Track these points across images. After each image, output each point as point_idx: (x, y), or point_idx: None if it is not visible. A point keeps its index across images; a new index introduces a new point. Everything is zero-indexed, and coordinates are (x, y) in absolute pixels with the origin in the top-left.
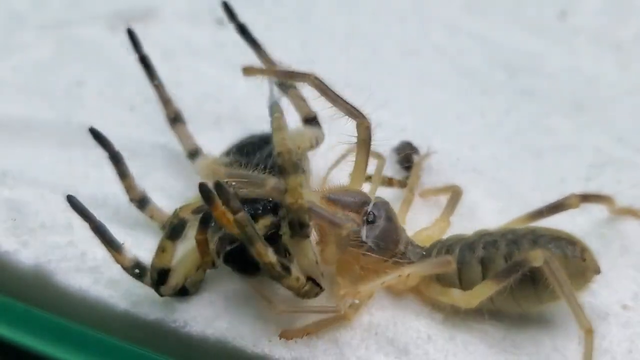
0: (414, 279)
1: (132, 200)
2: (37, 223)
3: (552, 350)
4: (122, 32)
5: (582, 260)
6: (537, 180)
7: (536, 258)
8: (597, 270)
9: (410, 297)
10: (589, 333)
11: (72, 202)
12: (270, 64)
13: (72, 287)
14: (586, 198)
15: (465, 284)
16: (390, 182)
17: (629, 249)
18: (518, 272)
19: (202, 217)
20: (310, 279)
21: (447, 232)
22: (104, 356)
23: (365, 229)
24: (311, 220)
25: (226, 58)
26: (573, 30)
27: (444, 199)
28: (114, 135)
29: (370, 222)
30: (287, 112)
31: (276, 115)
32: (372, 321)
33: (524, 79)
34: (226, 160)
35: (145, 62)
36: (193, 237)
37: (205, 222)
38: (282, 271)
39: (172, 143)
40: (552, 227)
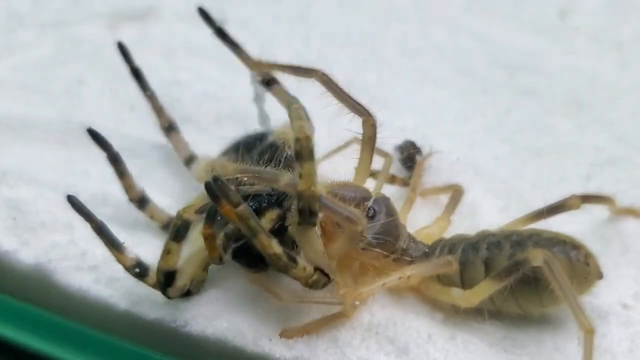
0: (415, 279)
1: (132, 200)
2: (37, 222)
3: (553, 350)
4: (122, 32)
5: (586, 265)
6: (538, 180)
7: (536, 258)
8: (600, 275)
9: (411, 296)
10: (589, 333)
11: (72, 202)
12: (252, 64)
13: (72, 286)
14: (587, 199)
15: (467, 284)
16: (393, 179)
17: (629, 248)
18: (518, 272)
19: (207, 212)
20: (318, 269)
21: (447, 231)
22: (104, 356)
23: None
24: (321, 212)
25: (226, 58)
26: (573, 29)
27: (444, 198)
28: (114, 135)
29: (371, 218)
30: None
31: (295, 106)
32: (373, 320)
33: (525, 79)
34: (224, 160)
35: (137, 74)
36: (197, 238)
37: (211, 217)
38: (288, 262)
39: None
40: (553, 227)
